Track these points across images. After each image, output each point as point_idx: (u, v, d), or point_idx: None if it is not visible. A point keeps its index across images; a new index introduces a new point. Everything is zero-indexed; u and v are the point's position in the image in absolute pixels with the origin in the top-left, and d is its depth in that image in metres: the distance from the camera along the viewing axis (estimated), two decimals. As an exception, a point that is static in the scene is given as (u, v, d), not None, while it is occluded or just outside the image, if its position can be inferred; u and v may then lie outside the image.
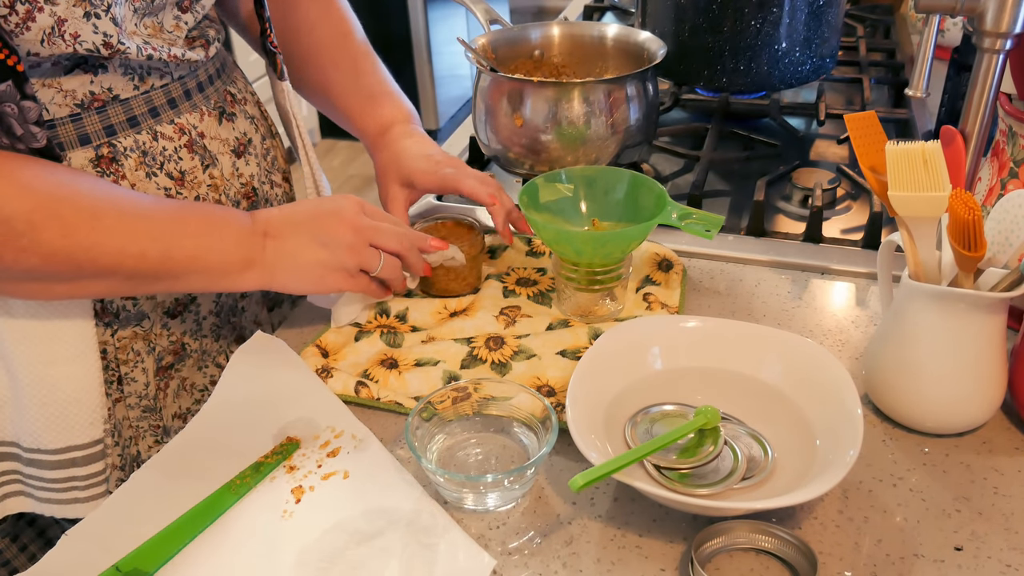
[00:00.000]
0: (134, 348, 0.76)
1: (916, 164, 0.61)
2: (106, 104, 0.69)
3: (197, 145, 0.77)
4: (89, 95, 0.68)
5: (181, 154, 0.76)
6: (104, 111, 0.69)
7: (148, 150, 0.73)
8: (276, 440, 0.67)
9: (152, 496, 0.63)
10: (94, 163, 0.69)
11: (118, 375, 0.76)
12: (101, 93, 0.69)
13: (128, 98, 0.71)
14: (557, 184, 0.82)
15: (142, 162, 0.72)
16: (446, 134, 3.48)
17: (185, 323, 0.80)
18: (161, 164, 0.74)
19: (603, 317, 0.79)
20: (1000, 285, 0.62)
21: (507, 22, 1.05)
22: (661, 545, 0.58)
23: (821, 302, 0.83)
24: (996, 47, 0.75)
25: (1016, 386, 0.66)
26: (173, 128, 0.75)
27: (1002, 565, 0.56)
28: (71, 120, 0.68)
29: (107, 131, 0.70)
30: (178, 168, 0.75)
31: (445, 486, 0.61)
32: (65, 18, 0.62)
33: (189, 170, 0.76)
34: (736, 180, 1.05)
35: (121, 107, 0.70)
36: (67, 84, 0.67)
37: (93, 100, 0.69)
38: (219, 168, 0.80)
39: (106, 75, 0.69)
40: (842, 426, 0.60)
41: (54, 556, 0.58)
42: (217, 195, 0.79)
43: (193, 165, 0.77)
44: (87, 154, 0.69)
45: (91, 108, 0.69)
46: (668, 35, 1.10)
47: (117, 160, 0.71)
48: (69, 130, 0.68)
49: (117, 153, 0.71)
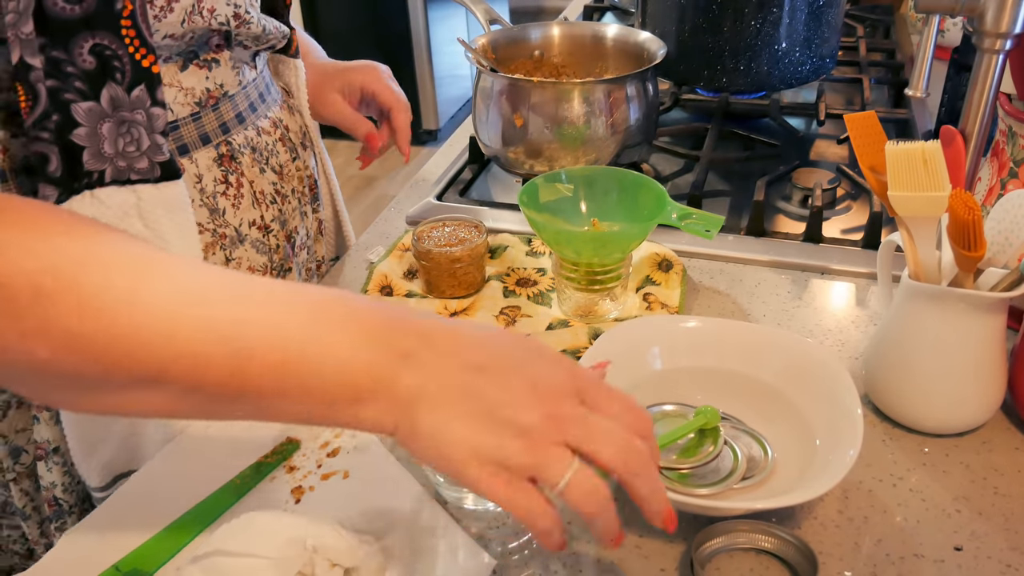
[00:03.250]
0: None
1: (916, 164, 0.61)
2: (219, 101, 0.70)
3: (286, 138, 0.80)
4: (205, 92, 0.68)
5: (277, 148, 0.78)
6: (218, 108, 0.70)
7: (256, 145, 0.74)
8: (276, 440, 0.67)
9: (152, 496, 0.63)
10: (217, 162, 0.70)
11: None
12: (215, 90, 0.69)
13: (235, 94, 0.71)
14: (557, 184, 0.82)
15: (254, 158, 0.73)
16: (446, 134, 3.49)
17: None
18: (267, 159, 0.75)
19: (603, 317, 0.79)
20: (1000, 285, 0.62)
21: (507, 22, 1.05)
22: (661, 545, 0.58)
23: (821, 302, 0.83)
24: (996, 47, 0.75)
25: (1016, 386, 0.66)
26: (269, 122, 0.77)
27: (1002, 565, 0.56)
28: (192, 120, 0.68)
29: (222, 129, 0.70)
30: (278, 162, 0.77)
31: (445, 486, 0.61)
32: None
33: (285, 163, 0.78)
34: (736, 180, 1.05)
35: (230, 103, 0.71)
36: (186, 81, 0.67)
37: (209, 97, 0.69)
38: (301, 160, 0.82)
39: (218, 69, 0.69)
40: (842, 426, 0.60)
41: (54, 556, 0.58)
42: (303, 186, 0.82)
43: (287, 158, 0.79)
44: (210, 153, 0.69)
45: (208, 106, 0.69)
46: (668, 35, 1.10)
47: (235, 157, 0.71)
48: (191, 130, 0.68)
49: (234, 151, 0.71)
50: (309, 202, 0.87)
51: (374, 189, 3.23)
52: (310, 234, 0.87)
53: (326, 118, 0.91)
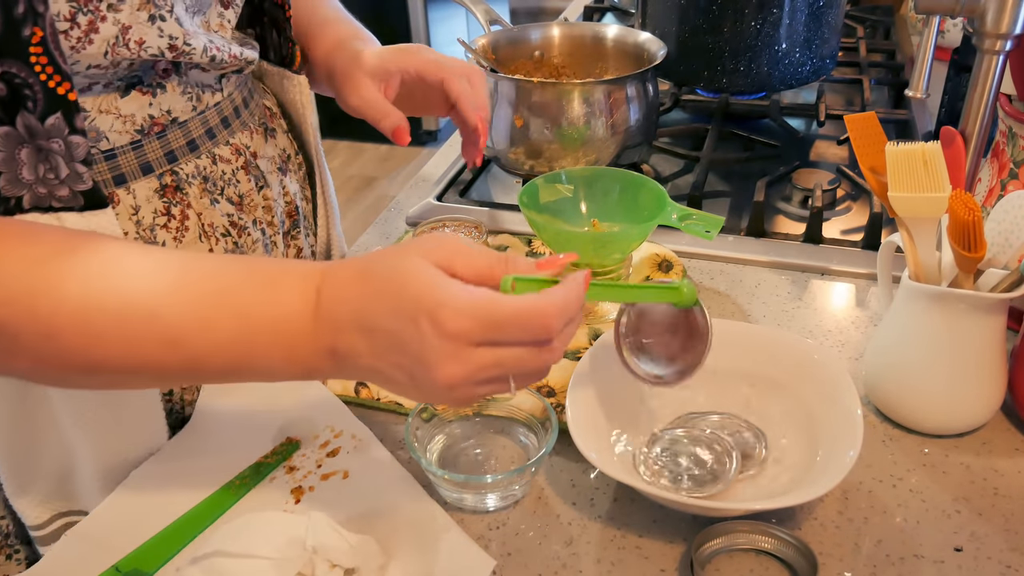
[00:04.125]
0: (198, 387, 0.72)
1: (916, 165, 0.61)
2: (166, 128, 0.65)
3: (252, 166, 0.74)
4: (148, 119, 0.64)
5: (239, 176, 0.72)
6: (164, 136, 0.65)
7: (209, 175, 0.69)
8: (276, 440, 0.67)
9: (152, 496, 0.63)
10: (159, 193, 0.65)
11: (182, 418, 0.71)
12: (160, 116, 0.65)
13: (186, 120, 0.67)
14: (557, 185, 0.82)
15: (204, 188, 0.68)
16: (446, 134, 3.49)
17: None
18: (222, 189, 0.70)
19: (603, 317, 0.79)
20: (1000, 286, 0.62)
21: (507, 23, 1.05)
22: (661, 545, 0.58)
23: (821, 303, 0.83)
24: (996, 48, 0.75)
25: (1016, 386, 0.66)
26: (230, 149, 0.71)
27: (1002, 566, 0.56)
28: (132, 148, 0.63)
29: (168, 157, 0.66)
30: (236, 192, 0.71)
31: (445, 486, 0.61)
32: (129, 24, 0.58)
33: (246, 193, 0.72)
34: (736, 181, 1.05)
35: (180, 130, 0.66)
36: (125, 108, 0.62)
37: (153, 124, 0.64)
38: (270, 188, 0.76)
39: (164, 95, 0.65)
40: (842, 426, 0.60)
41: (54, 556, 0.58)
42: (270, 216, 0.76)
43: (249, 188, 0.73)
44: (151, 184, 0.65)
45: (151, 133, 0.64)
46: (668, 36, 1.10)
47: (181, 188, 0.66)
48: (131, 159, 0.63)
49: (180, 181, 0.66)
50: (283, 231, 0.80)
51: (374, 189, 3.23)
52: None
53: (353, 108, 0.79)
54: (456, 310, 0.46)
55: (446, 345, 0.47)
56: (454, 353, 0.47)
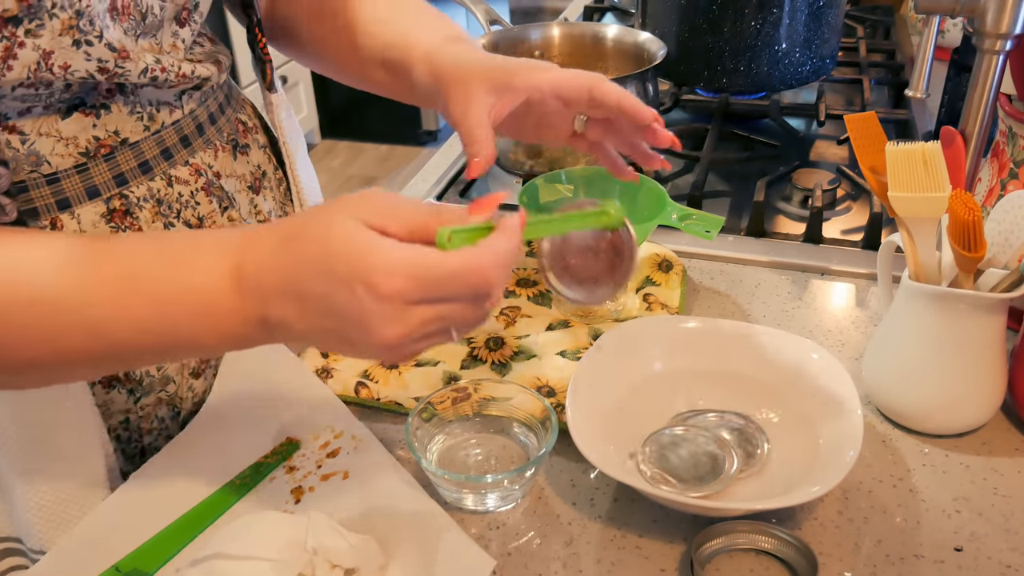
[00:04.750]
0: (158, 415, 0.69)
1: (916, 165, 0.61)
2: (114, 150, 0.62)
3: (214, 187, 0.70)
4: (94, 141, 0.60)
5: (199, 198, 0.68)
6: (113, 158, 0.62)
7: (163, 198, 0.65)
8: (276, 440, 0.67)
9: (152, 496, 0.63)
10: (106, 218, 0.62)
11: (140, 446, 0.68)
12: (107, 138, 0.61)
13: (138, 141, 0.63)
14: (557, 184, 0.82)
15: (158, 212, 0.65)
16: (446, 134, 3.49)
17: (208, 380, 0.72)
18: (178, 212, 0.66)
19: (603, 317, 0.79)
20: (1000, 286, 0.62)
21: (507, 22, 1.05)
22: (661, 545, 0.58)
23: (821, 303, 0.83)
24: (996, 48, 0.75)
25: (1016, 386, 0.66)
26: (188, 170, 0.67)
27: (1002, 566, 0.56)
28: (77, 171, 0.60)
29: (117, 180, 0.62)
30: (196, 214, 0.68)
31: (445, 486, 0.61)
32: (51, 50, 0.54)
33: (207, 215, 0.69)
34: (736, 181, 1.05)
35: (131, 151, 0.63)
36: (66, 130, 0.59)
37: (99, 147, 0.61)
38: (237, 208, 0.72)
39: (110, 116, 0.61)
40: (842, 426, 0.60)
41: (54, 556, 0.58)
42: None
43: (211, 209, 0.69)
44: (97, 208, 0.61)
45: (98, 156, 0.61)
46: (668, 36, 1.10)
47: (131, 212, 0.63)
48: (75, 183, 0.60)
49: (130, 204, 0.63)
50: None
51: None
52: None
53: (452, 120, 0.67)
54: (390, 272, 0.45)
55: (384, 308, 0.46)
56: (393, 315, 0.46)
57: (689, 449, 0.63)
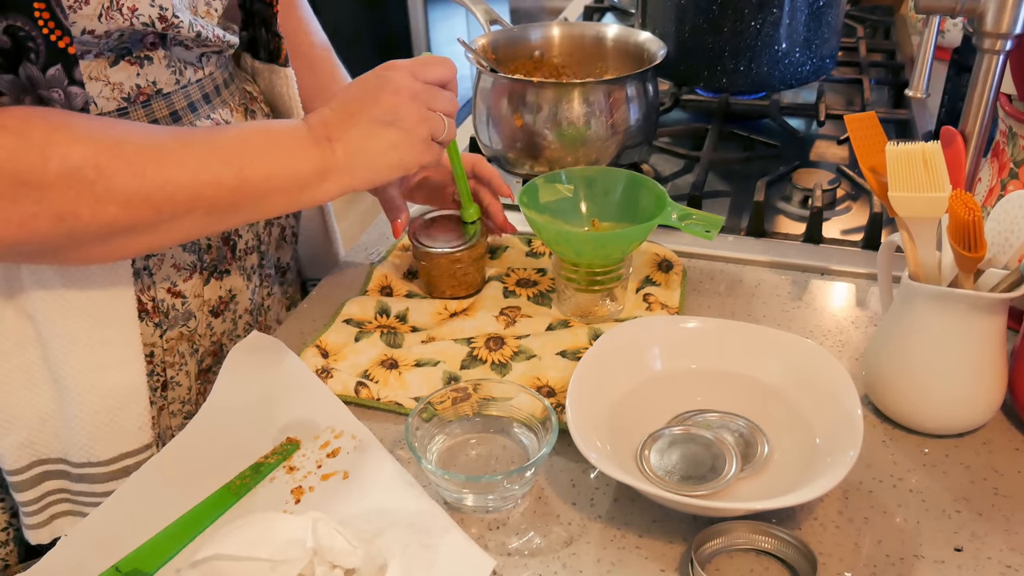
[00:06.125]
0: (179, 350, 0.75)
1: (916, 165, 0.61)
2: (151, 98, 0.69)
3: None
4: (135, 88, 0.68)
5: None
6: (149, 105, 0.69)
7: None
8: (276, 440, 0.67)
9: (152, 496, 0.63)
10: None
11: (163, 380, 0.74)
12: (146, 87, 0.69)
13: (170, 92, 0.71)
14: (557, 185, 0.82)
15: None
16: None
17: (225, 322, 0.79)
18: None
19: (603, 317, 0.79)
20: (1000, 286, 0.62)
21: (507, 22, 1.05)
22: (661, 545, 0.58)
23: (821, 303, 0.83)
24: (996, 48, 0.75)
25: (1016, 386, 0.66)
26: (210, 123, 0.75)
27: (1002, 566, 0.56)
28: (119, 114, 0.67)
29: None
30: None
31: (445, 486, 0.61)
32: None
33: None
34: (736, 181, 1.05)
35: (164, 101, 0.70)
36: (114, 76, 0.66)
37: (139, 93, 0.68)
38: None
39: (151, 67, 0.68)
40: (842, 426, 0.60)
41: (54, 556, 0.58)
42: None
43: None
44: None
45: (137, 102, 0.68)
46: (668, 36, 1.10)
47: None
48: None
49: None
50: None
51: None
52: (262, 239, 0.84)
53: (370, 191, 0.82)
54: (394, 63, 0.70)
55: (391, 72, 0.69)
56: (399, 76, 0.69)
57: (689, 449, 0.63)
